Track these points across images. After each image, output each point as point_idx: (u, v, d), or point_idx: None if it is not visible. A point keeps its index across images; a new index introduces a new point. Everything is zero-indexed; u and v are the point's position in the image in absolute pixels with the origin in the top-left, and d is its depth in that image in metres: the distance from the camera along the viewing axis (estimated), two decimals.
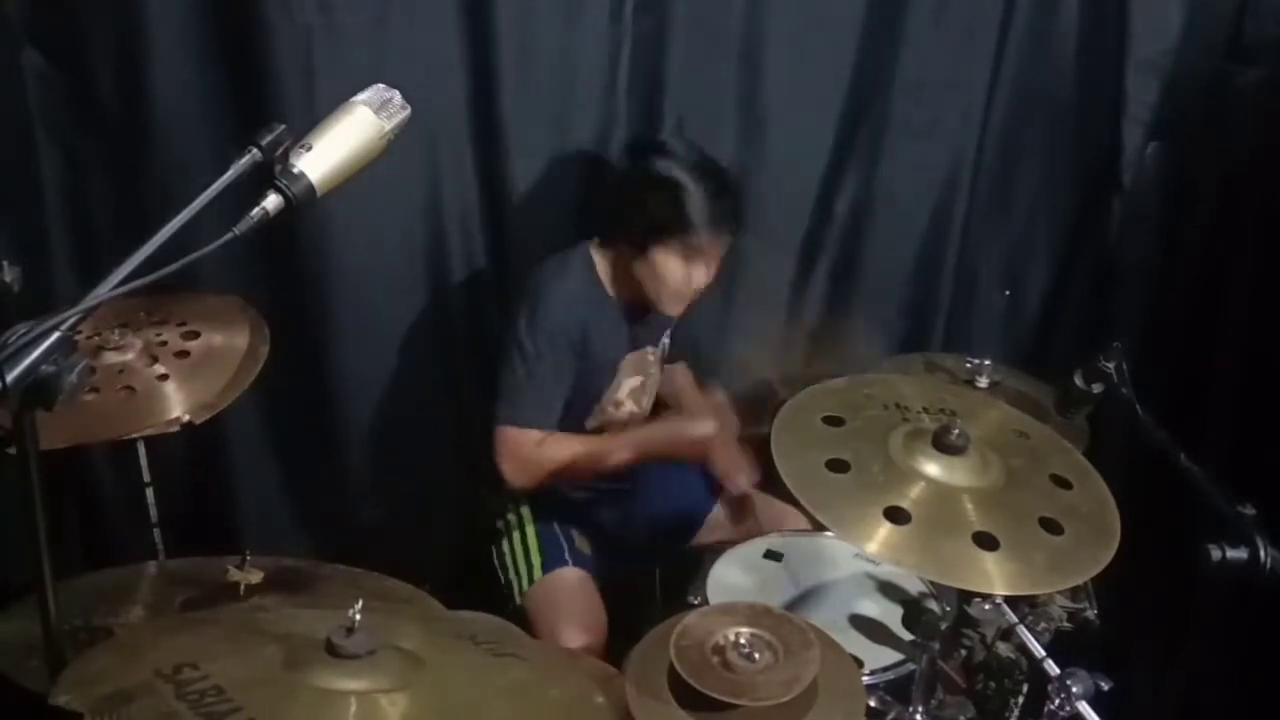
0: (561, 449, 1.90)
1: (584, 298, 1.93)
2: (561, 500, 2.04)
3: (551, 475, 1.90)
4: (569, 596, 1.95)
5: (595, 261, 1.97)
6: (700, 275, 1.91)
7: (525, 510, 2.06)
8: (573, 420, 1.96)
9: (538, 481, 1.92)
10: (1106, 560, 1.31)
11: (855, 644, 1.63)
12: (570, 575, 1.98)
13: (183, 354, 1.65)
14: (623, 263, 1.94)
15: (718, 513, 2.17)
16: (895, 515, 1.31)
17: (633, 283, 1.94)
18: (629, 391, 2.05)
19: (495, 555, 2.06)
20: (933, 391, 1.61)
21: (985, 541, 1.28)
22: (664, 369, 2.18)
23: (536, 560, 2.00)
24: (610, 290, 1.97)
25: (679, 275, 1.89)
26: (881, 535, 1.29)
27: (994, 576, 1.26)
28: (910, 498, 1.34)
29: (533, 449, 1.87)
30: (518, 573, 2.01)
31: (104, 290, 1.01)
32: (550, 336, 1.87)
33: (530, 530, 2.04)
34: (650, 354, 2.09)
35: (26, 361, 0.96)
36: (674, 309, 1.97)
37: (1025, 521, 1.32)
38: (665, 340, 2.14)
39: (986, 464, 1.40)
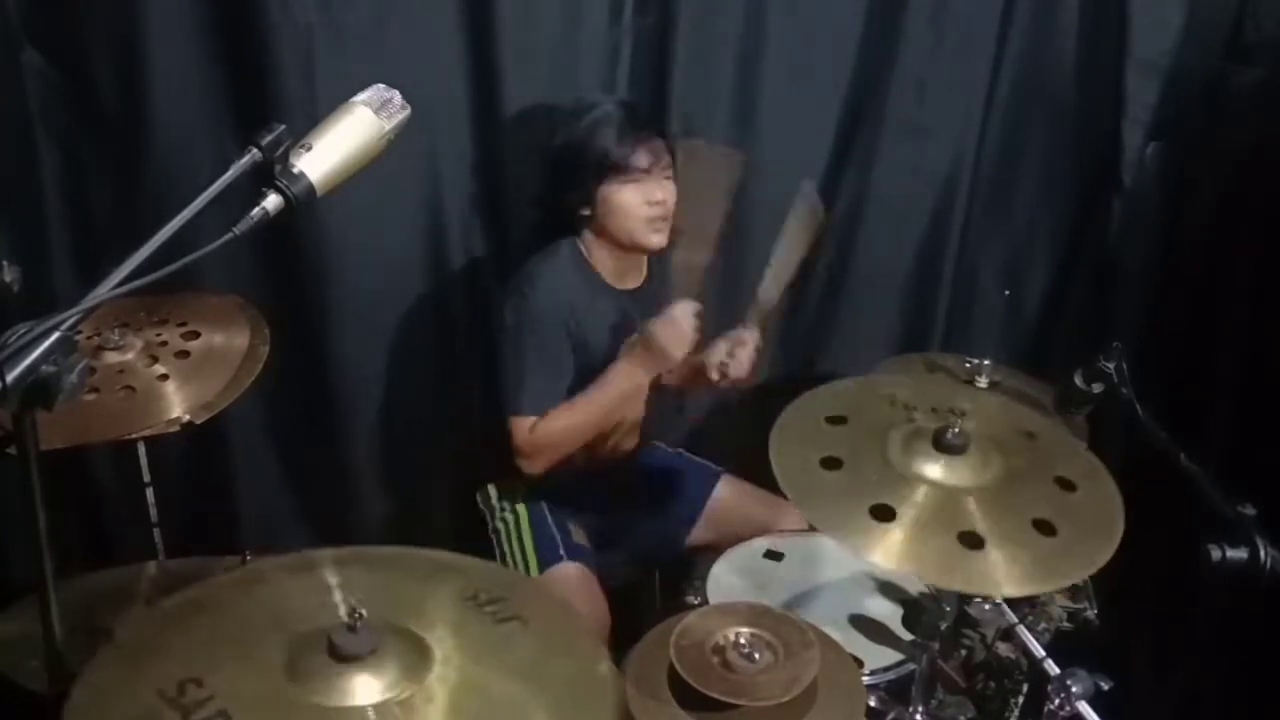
0: (555, 423, 1.88)
1: (571, 278, 1.94)
2: (556, 488, 2.04)
3: (561, 453, 1.89)
4: (568, 593, 1.93)
5: (582, 248, 1.97)
6: (656, 191, 1.90)
7: (520, 504, 2.05)
8: None
9: (551, 465, 1.91)
10: (1098, 565, 1.30)
11: (855, 644, 1.63)
12: (567, 570, 1.97)
13: (183, 354, 1.65)
14: (597, 231, 1.95)
15: (712, 508, 2.16)
16: (880, 513, 1.31)
17: (615, 248, 1.95)
18: None
19: (496, 550, 2.06)
20: (942, 392, 1.60)
21: (970, 540, 1.28)
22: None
23: (533, 559, 1.99)
24: (601, 271, 1.98)
25: (635, 200, 1.89)
26: (864, 532, 1.29)
27: (976, 575, 1.26)
28: (900, 496, 1.34)
29: (528, 436, 1.86)
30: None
31: (104, 290, 1.01)
32: (538, 316, 1.88)
33: (525, 524, 2.03)
34: None
35: (26, 361, 0.96)
36: (651, 239, 1.94)
37: (1017, 522, 1.31)
38: None
39: (986, 464, 1.40)
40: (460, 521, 2.34)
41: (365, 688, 1.07)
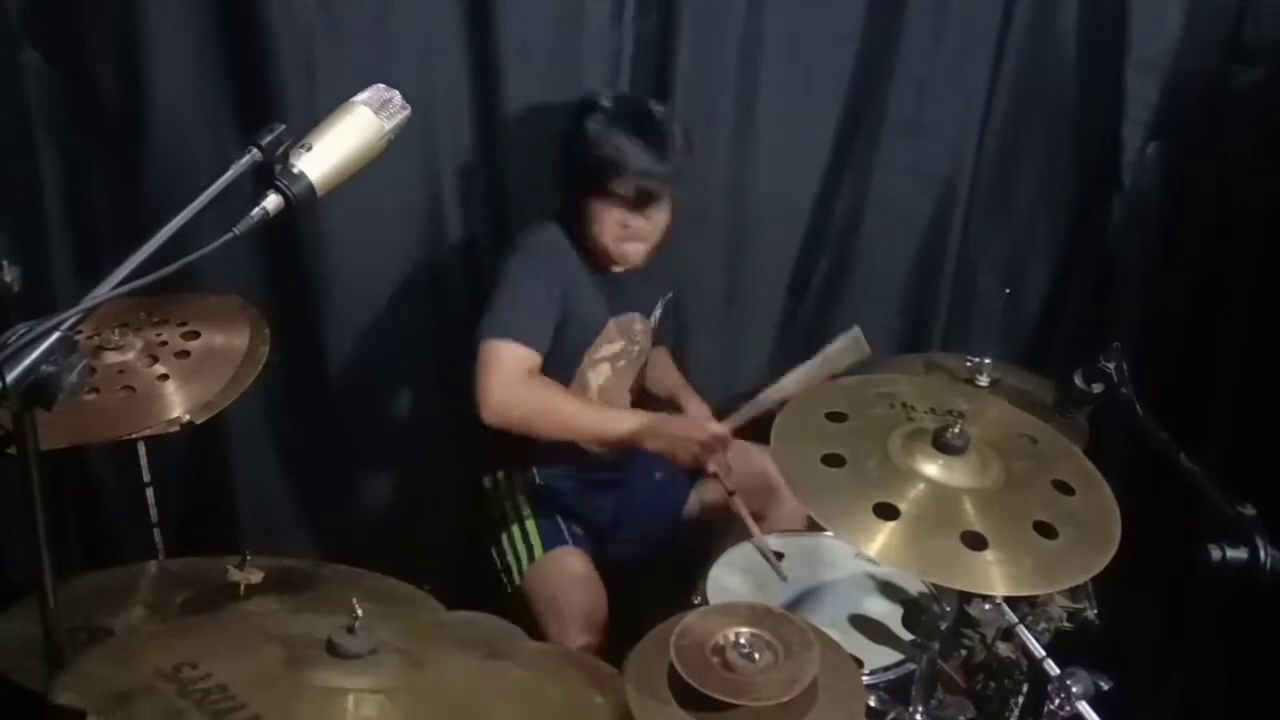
0: (557, 396, 1.86)
1: (563, 248, 1.94)
2: (556, 493, 2.05)
3: (535, 419, 1.83)
4: (570, 574, 1.95)
5: (572, 231, 1.96)
6: (639, 224, 1.90)
7: (524, 506, 2.05)
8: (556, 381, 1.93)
9: (518, 416, 1.81)
10: (1098, 569, 1.30)
11: (855, 644, 1.63)
12: (570, 554, 1.99)
13: (183, 354, 1.65)
14: (581, 228, 1.94)
15: (694, 500, 2.18)
16: (884, 511, 1.31)
17: (595, 245, 1.94)
18: (608, 355, 2.03)
19: (494, 549, 2.06)
20: (943, 393, 1.60)
21: (973, 541, 1.28)
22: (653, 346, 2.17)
23: (536, 542, 2.00)
24: (586, 256, 1.97)
25: (612, 220, 1.89)
26: (867, 529, 1.29)
27: (978, 575, 1.26)
28: (903, 495, 1.33)
29: (519, 371, 1.79)
30: (516, 555, 2.01)
31: (104, 290, 1.01)
32: (535, 265, 1.89)
33: (530, 523, 2.04)
34: (638, 322, 2.07)
35: (26, 361, 0.96)
36: (624, 256, 1.94)
37: (1018, 524, 1.31)
38: (658, 311, 2.13)
39: (986, 465, 1.40)
40: (460, 521, 2.34)
41: (358, 678, 1.07)
